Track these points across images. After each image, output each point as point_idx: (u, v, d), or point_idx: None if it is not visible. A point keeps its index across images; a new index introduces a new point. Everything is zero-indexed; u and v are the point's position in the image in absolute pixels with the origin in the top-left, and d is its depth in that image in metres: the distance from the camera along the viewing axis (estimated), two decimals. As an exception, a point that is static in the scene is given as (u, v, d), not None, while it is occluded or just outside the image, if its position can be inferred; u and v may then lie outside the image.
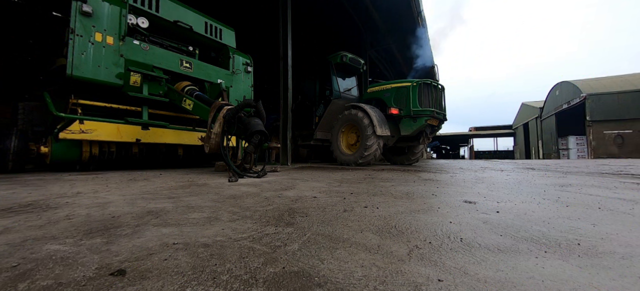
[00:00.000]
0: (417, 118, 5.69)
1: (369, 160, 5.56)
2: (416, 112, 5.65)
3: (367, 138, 5.46)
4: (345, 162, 5.86)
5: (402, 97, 5.85)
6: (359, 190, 2.23)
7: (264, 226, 1.19)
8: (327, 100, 6.65)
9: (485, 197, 1.94)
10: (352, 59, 6.88)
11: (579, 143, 21.83)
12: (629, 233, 1.11)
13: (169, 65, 4.67)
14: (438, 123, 6.03)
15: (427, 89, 5.85)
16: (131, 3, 4.39)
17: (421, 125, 5.69)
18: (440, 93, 6.13)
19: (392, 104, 5.93)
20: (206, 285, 0.68)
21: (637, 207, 1.62)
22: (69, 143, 3.76)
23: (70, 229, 1.13)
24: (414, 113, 5.65)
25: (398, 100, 5.91)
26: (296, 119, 7.46)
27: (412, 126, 5.76)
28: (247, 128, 3.19)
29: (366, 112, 5.61)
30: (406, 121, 5.83)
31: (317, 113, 6.92)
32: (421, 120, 5.67)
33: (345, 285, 0.69)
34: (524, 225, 1.23)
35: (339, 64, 6.77)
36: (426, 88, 5.83)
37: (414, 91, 5.69)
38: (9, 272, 0.74)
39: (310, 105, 7.19)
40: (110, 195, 1.91)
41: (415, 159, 7.10)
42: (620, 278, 0.73)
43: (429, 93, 5.85)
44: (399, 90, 5.94)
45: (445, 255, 0.89)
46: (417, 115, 5.66)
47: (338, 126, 6.22)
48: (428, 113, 5.66)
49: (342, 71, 7.10)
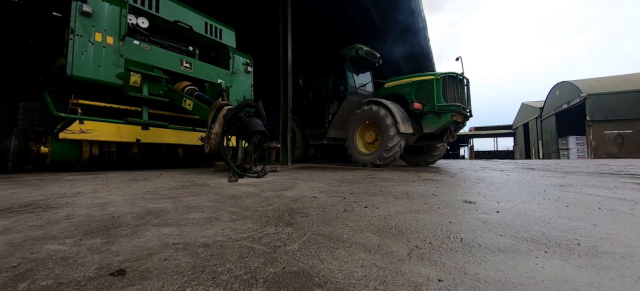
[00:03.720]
0: (441, 114, 5.13)
1: (389, 160, 5.11)
2: (441, 108, 5.11)
3: (388, 137, 4.99)
4: (363, 162, 5.42)
5: (424, 91, 5.30)
6: (359, 190, 2.23)
7: (264, 226, 1.19)
8: (342, 96, 6.28)
9: (485, 197, 1.94)
10: (368, 53, 6.48)
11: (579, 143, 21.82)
12: (629, 233, 1.11)
13: (169, 65, 4.67)
14: (463, 119, 5.44)
15: (453, 83, 5.29)
16: (131, 3, 4.39)
17: (446, 122, 5.14)
18: (466, 87, 5.54)
19: (413, 99, 5.37)
20: (206, 285, 0.68)
21: (637, 207, 1.62)
22: (69, 143, 3.76)
23: (70, 229, 1.13)
24: (439, 108, 5.11)
25: (420, 95, 5.34)
26: (307, 117, 7.20)
27: (436, 123, 5.21)
28: (247, 128, 3.19)
29: (387, 108, 5.15)
30: (429, 117, 5.27)
31: (330, 111, 6.53)
32: (446, 116, 5.11)
33: (345, 285, 0.69)
34: (524, 225, 1.23)
35: (354, 58, 6.39)
36: (451, 82, 5.27)
37: (438, 85, 5.15)
38: (9, 272, 0.74)
39: (322, 102, 6.81)
40: (110, 195, 1.91)
41: (434, 160, 6.55)
42: (620, 278, 0.73)
43: (455, 87, 5.29)
44: (421, 84, 5.38)
45: (445, 255, 0.89)
46: (442, 111, 5.11)
47: (354, 124, 5.76)
48: (454, 108, 5.11)
49: (357, 65, 6.70)
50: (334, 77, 6.79)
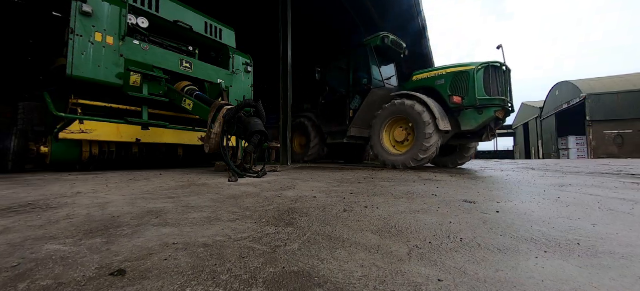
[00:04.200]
0: (483, 109, 4.54)
1: (424, 162, 4.51)
2: (483, 102, 4.52)
3: (425, 136, 4.41)
4: (392, 163, 4.83)
5: (461, 84, 4.71)
6: (359, 190, 2.23)
7: (264, 226, 1.19)
8: (365, 90, 5.66)
9: (485, 197, 1.94)
10: (394, 42, 5.88)
11: (579, 143, 21.81)
12: (629, 233, 1.11)
13: (169, 65, 4.67)
14: (504, 115, 4.78)
15: (495, 73, 4.69)
16: (131, 3, 4.39)
17: (489, 118, 4.55)
18: (509, 78, 4.92)
19: (450, 92, 4.78)
20: (206, 285, 0.69)
21: (637, 207, 1.62)
22: (69, 143, 3.76)
23: (70, 229, 1.13)
24: (480, 103, 4.52)
25: (457, 87, 4.74)
26: (325, 114, 6.67)
27: (476, 119, 4.61)
28: (247, 128, 3.19)
29: (424, 103, 4.59)
30: (469, 113, 4.66)
31: (351, 106, 5.92)
32: (489, 111, 4.52)
33: (345, 285, 0.69)
34: (524, 225, 1.23)
35: (379, 48, 5.77)
36: (494, 72, 4.68)
37: (479, 76, 4.59)
38: (9, 272, 0.74)
39: (342, 98, 6.22)
40: (110, 195, 1.91)
41: (465, 161, 5.90)
42: (620, 278, 0.73)
43: (497, 78, 4.70)
44: (458, 75, 4.77)
45: (445, 255, 0.89)
46: (484, 105, 4.53)
47: (381, 120, 5.15)
48: (497, 103, 4.51)
49: (383, 56, 6.05)
50: (356, 70, 6.18)
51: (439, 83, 4.99)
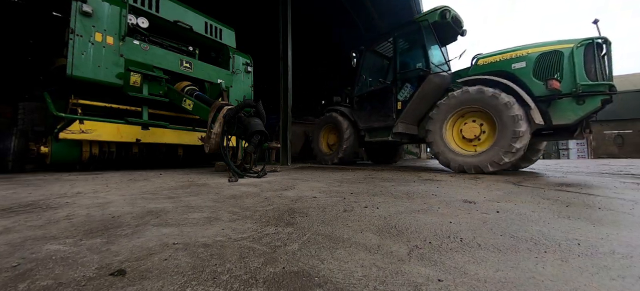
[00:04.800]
0: (586, 97, 3.55)
1: (508, 165, 3.68)
2: (586, 89, 3.53)
3: (512, 134, 3.51)
4: (461, 166, 3.90)
5: (551, 66, 3.73)
6: (359, 190, 2.23)
7: (264, 227, 1.19)
8: (420, 77, 4.70)
9: (485, 197, 1.94)
10: (455, 18, 4.89)
11: (579, 143, 21.80)
12: (629, 233, 1.11)
13: (169, 65, 4.67)
14: (602, 104, 3.68)
15: (598, 52, 3.68)
16: (131, 3, 4.39)
17: (594, 109, 3.58)
18: (611, 58, 3.81)
19: (534, 78, 3.78)
20: (206, 285, 0.69)
21: (637, 206, 1.62)
22: (69, 143, 3.76)
23: (70, 229, 1.13)
24: (583, 89, 3.53)
25: (544, 71, 3.76)
26: (362, 108, 5.77)
27: (575, 111, 3.62)
28: (247, 128, 3.19)
29: (514, 92, 3.73)
30: (565, 103, 3.68)
31: (399, 97, 4.99)
32: (594, 100, 3.53)
33: (345, 285, 0.69)
34: (523, 224, 1.23)
35: (439, 25, 4.80)
36: (598, 51, 3.67)
37: (579, 56, 3.60)
38: (9, 272, 0.74)
39: (385, 88, 5.31)
40: (110, 195, 1.91)
41: (533, 160, 4.86)
42: (620, 278, 0.73)
43: (599, 59, 3.71)
44: (546, 56, 3.75)
45: (445, 255, 0.89)
46: (588, 93, 3.54)
47: (444, 112, 4.22)
48: (603, 89, 3.54)
49: (443, 35, 5.06)
50: (405, 53, 5.31)
51: (518, 67, 3.93)
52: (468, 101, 4.02)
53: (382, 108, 5.29)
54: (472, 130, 4.07)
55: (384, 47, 5.91)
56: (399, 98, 5.01)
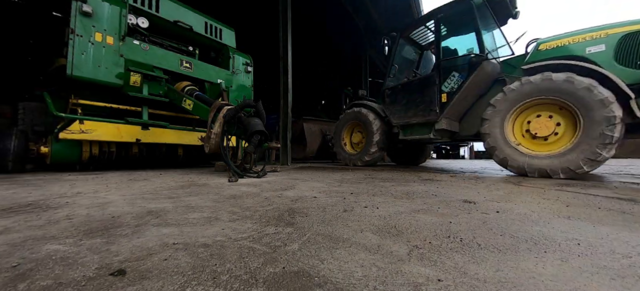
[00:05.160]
0: None
1: (582, 173, 3.20)
2: None
3: (603, 138, 2.99)
4: (527, 167, 3.38)
5: (638, 49, 3.11)
6: (359, 190, 2.23)
7: (264, 227, 1.19)
8: (472, 64, 4.02)
9: (485, 197, 1.94)
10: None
11: (579, 143, 21.76)
12: (629, 233, 1.11)
13: (169, 65, 4.68)
14: None
15: None
16: (131, 3, 4.39)
17: None
18: None
19: (616, 64, 3.22)
20: (206, 285, 0.69)
21: (637, 207, 1.62)
22: (69, 143, 3.77)
23: (70, 229, 1.13)
24: None
25: (627, 55, 3.18)
26: (396, 101, 5.08)
27: None
28: (247, 128, 3.19)
29: (609, 80, 3.15)
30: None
31: (444, 88, 4.33)
32: None
33: (345, 285, 0.69)
34: (523, 224, 1.23)
35: (495, 3, 4.30)
36: None
37: None
38: (9, 272, 0.74)
39: (426, 78, 4.65)
40: (110, 195, 1.91)
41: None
42: (620, 278, 0.73)
43: None
44: (631, 38, 3.17)
45: (445, 255, 0.89)
46: None
47: (507, 104, 3.62)
48: None
49: (498, 15, 4.50)
50: (451, 37, 4.78)
51: (595, 51, 3.36)
52: (548, 91, 3.37)
53: (421, 102, 4.62)
54: (545, 127, 3.44)
55: (429, 28, 5.17)
56: (444, 90, 4.33)
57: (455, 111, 4.31)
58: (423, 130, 4.61)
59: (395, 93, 5.10)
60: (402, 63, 5.52)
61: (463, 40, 4.55)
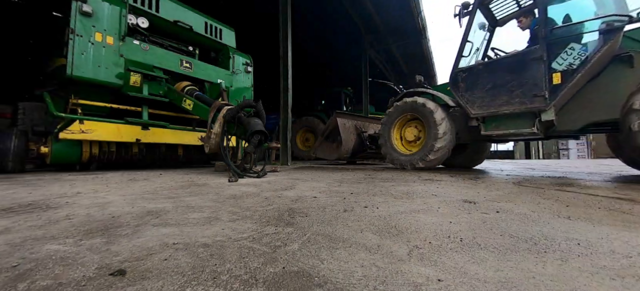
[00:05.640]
0: None
1: None
2: None
3: None
4: None
5: None
6: (359, 190, 2.22)
7: (264, 227, 1.19)
8: (606, 33, 2.95)
9: (485, 197, 1.94)
10: None
11: (579, 144, 21.80)
12: (629, 233, 1.11)
13: (169, 65, 4.67)
14: None
15: None
16: (131, 3, 4.39)
17: None
18: None
19: None
20: (206, 285, 0.69)
21: (637, 207, 1.62)
22: (69, 143, 3.77)
23: (70, 229, 1.13)
24: None
25: None
26: (478, 87, 3.89)
27: None
28: (247, 128, 3.20)
29: None
30: None
31: (556, 66, 3.23)
32: None
33: (345, 285, 0.69)
34: (523, 224, 1.23)
35: None
36: None
37: None
38: (9, 272, 0.74)
39: (524, 53, 3.54)
40: (110, 195, 1.91)
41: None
42: (620, 278, 0.73)
43: None
44: None
45: (445, 255, 0.89)
46: None
47: None
48: None
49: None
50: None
51: None
52: None
53: (519, 85, 3.54)
54: None
55: (496, 5, 4.16)
56: (556, 68, 3.26)
57: (566, 97, 3.31)
58: (519, 122, 3.59)
59: (475, 75, 3.97)
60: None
61: (568, 7, 3.47)
